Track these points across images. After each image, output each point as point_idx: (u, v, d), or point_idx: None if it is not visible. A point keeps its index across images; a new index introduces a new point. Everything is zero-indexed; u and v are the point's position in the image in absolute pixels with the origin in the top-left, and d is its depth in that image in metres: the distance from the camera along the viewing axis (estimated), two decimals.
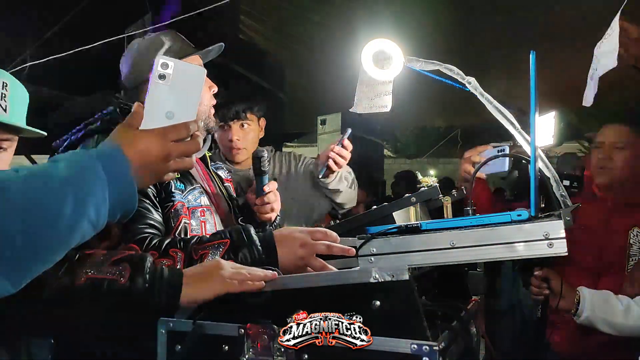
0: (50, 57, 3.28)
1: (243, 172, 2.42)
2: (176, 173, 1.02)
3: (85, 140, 1.49)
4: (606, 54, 1.61)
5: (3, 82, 1.33)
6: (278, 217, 1.86)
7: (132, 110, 0.96)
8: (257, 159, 1.80)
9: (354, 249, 1.22)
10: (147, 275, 1.09)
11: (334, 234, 1.33)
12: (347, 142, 2.14)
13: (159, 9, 3.72)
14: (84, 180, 0.84)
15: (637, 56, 1.72)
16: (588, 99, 1.69)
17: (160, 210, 1.48)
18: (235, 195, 1.87)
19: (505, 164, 1.89)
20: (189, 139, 0.97)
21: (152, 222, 1.43)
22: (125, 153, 0.89)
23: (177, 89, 0.96)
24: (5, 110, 1.32)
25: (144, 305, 1.09)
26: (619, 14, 1.64)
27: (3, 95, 1.32)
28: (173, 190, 1.51)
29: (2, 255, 0.76)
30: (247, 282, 1.10)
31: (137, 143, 0.91)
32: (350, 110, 1.74)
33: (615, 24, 1.62)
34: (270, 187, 1.79)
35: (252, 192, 1.84)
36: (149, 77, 1.55)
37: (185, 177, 1.59)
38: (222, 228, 1.61)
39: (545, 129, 2.06)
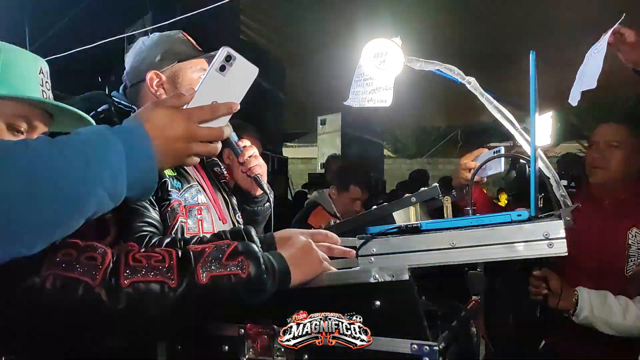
0: (50, 57, 3.27)
1: None
2: (197, 158, 1.00)
3: None
4: (589, 74, 1.59)
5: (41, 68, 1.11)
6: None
7: (179, 92, 0.96)
8: None
9: (353, 251, 1.21)
10: (263, 266, 1.02)
11: (335, 236, 1.34)
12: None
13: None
14: (97, 147, 0.83)
15: (635, 61, 1.70)
16: (574, 98, 1.68)
17: (157, 209, 1.46)
18: (231, 190, 1.82)
19: (501, 165, 1.88)
20: (214, 123, 0.96)
21: (150, 220, 1.41)
22: (145, 128, 0.88)
23: (230, 83, 0.97)
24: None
25: (257, 296, 1.01)
26: (609, 33, 1.62)
27: (47, 84, 1.11)
28: (169, 188, 1.48)
29: (8, 217, 0.75)
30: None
31: (160, 120, 0.91)
32: (345, 103, 1.64)
33: (604, 42, 1.60)
34: (244, 141, 1.75)
35: (231, 159, 1.80)
36: (146, 77, 1.55)
37: (182, 174, 1.56)
38: (220, 226, 1.59)
39: (543, 128, 2.05)
